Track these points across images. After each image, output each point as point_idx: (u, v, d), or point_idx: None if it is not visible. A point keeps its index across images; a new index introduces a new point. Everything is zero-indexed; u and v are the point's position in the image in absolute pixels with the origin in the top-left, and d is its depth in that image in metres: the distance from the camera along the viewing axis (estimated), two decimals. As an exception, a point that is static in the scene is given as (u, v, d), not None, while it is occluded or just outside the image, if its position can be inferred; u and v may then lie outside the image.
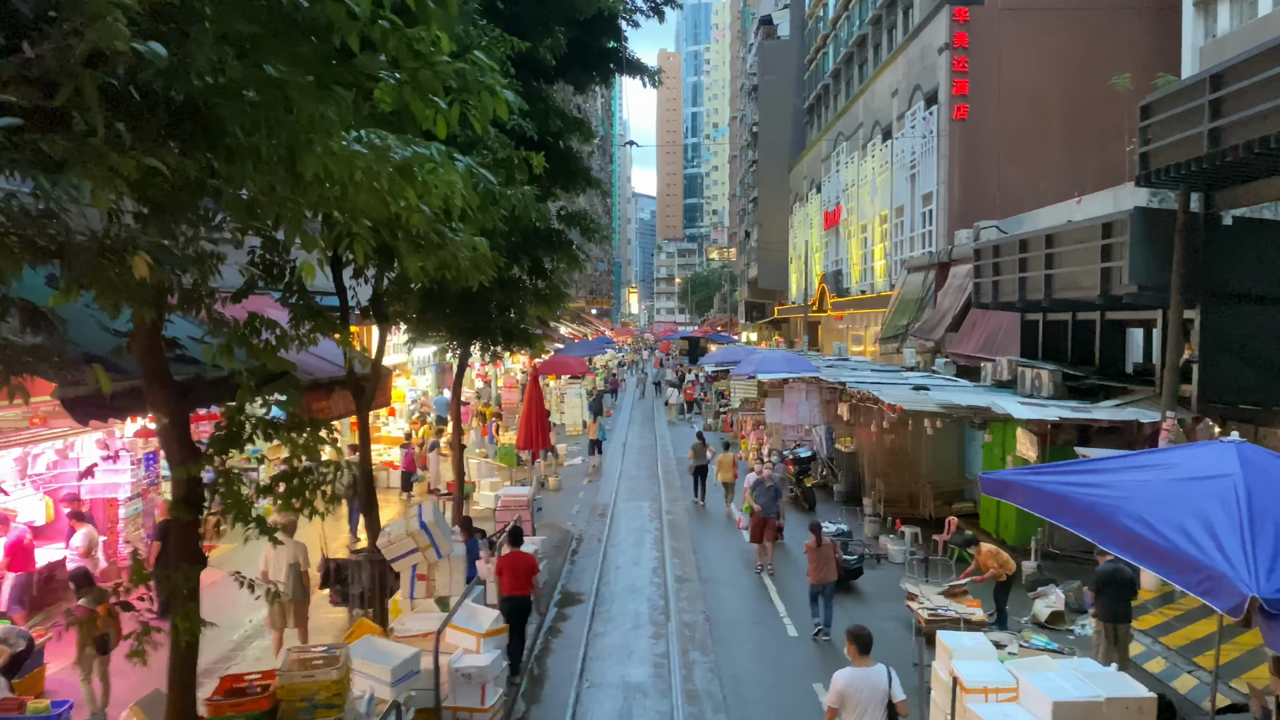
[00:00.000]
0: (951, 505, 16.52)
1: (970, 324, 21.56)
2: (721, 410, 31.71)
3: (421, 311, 11.25)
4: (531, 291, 12.64)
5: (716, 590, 12.11)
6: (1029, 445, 13.86)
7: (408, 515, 8.77)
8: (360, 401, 8.69)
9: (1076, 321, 16.47)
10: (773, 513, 13.44)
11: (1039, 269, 15.61)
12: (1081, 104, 26.36)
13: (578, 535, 15.13)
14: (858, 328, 37.06)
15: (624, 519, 16.62)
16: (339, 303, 8.53)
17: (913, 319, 26.02)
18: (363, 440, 8.83)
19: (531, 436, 16.80)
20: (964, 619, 9.84)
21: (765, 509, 13.37)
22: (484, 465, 17.92)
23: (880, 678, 5.72)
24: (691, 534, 15.50)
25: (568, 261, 12.16)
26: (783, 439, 20.28)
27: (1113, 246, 13.19)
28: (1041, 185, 25.87)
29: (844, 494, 18.44)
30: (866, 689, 5.65)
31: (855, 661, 5.86)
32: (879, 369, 22.68)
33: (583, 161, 11.84)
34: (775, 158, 57.85)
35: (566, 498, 18.81)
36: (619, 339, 70.67)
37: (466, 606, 8.07)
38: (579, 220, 12.22)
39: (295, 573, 9.48)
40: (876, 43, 36.97)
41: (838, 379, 17.95)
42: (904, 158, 30.92)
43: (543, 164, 7.66)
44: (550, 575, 12.31)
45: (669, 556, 13.71)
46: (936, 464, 17.09)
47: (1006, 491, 6.09)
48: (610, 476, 21.31)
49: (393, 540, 8.54)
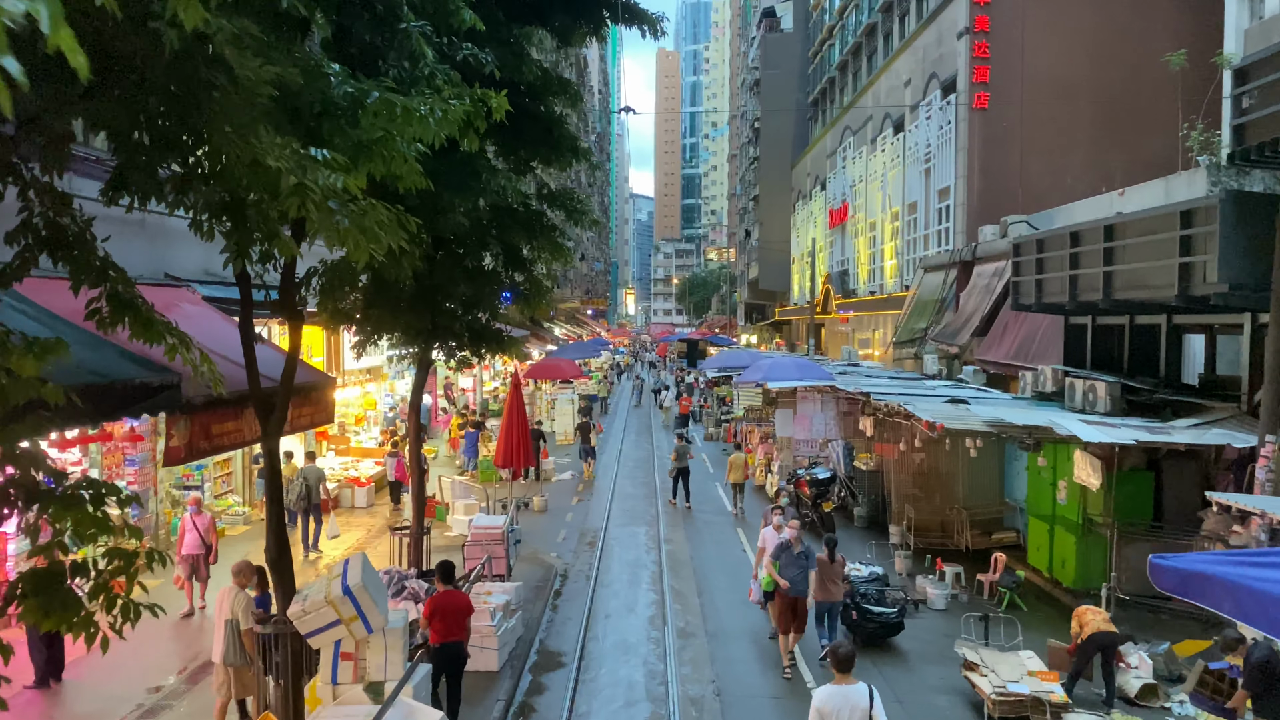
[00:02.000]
0: (991, 535, 14.51)
1: (1000, 327, 19.55)
2: (724, 418, 29.64)
3: (368, 308, 9.18)
4: (508, 286, 10.59)
5: (727, 650, 10.03)
6: (1089, 470, 11.82)
7: (329, 576, 6.68)
8: (268, 422, 6.61)
9: (1135, 326, 14.44)
10: (804, 589, 9.56)
11: (1094, 265, 13.59)
12: (1111, 93, 24.68)
13: (562, 571, 13.04)
14: (865, 330, 35.22)
15: (617, 549, 14.54)
16: (240, 294, 6.47)
17: (932, 322, 24.05)
18: (269, 473, 6.75)
19: (512, 453, 14.72)
20: (1043, 698, 7.80)
21: (794, 584, 9.48)
22: (458, 484, 15.82)
23: (861, 696, 5.54)
24: (695, 566, 13.43)
25: (551, 251, 10.09)
26: (794, 454, 18.22)
27: (1194, 238, 11.17)
28: (1068, 179, 24.20)
29: (866, 518, 16.40)
30: (846, 708, 5.48)
31: (836, 679, 5.74)
32: (898, 376, 20.68)
33: (567, 128, 9.79)
34: (777, 154, 56.27)
35: (552, 520, 16.73)
36: (615, 340, 68.57)
37: (401, 707, 6.00)
38: (563, 201, 10.15)
39: (233, 630, 7.47)
40: (887, 31, 35.29)
41: (857, 388, 15.91)
42: (918, 151, 29.12)
43: (505, 107, 5.62)
44: (526, 628, 10.23)
45: (669, 600, 11.62)
46: (973, 487, 15.05)
47: (1201, 589, 4.03)
48: (602, 494, 19.25)
49: (308, 610, 6.45)
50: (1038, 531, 13.06)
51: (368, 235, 3.91)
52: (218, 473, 15.92)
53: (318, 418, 9.39)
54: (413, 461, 10.58)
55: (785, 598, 9.49)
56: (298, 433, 10.87)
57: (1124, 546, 11.68)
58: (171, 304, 9.55)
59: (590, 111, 76.52)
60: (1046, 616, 11.34)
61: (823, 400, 17.57)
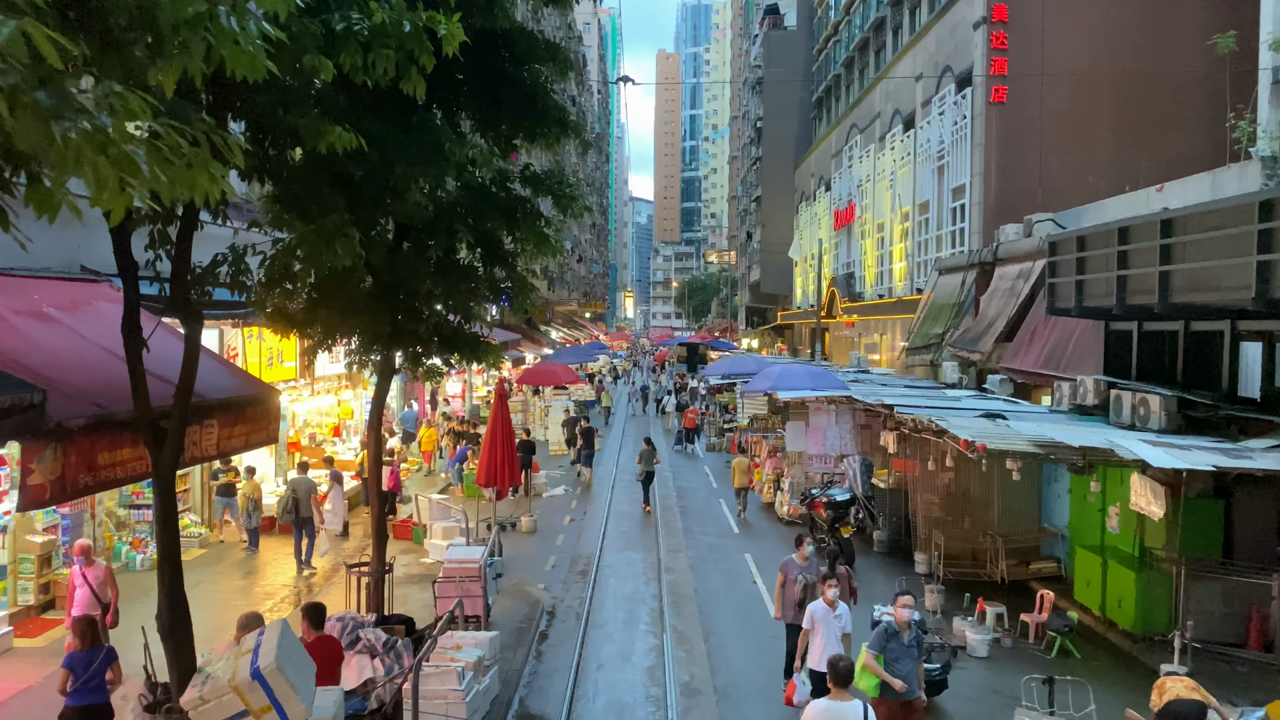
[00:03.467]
0: (1028, 565, 13.04)
1: (1027, 333, 18.10)
2: (726, 427, 28.16)
3: (315, 308, 7.71)
4: (486, 282, 9.12)
5: (741, 712, 8.52)
6: (1150, 496, 10.32)
7: (236, 650, 5.19)
8: (158, 454, 5.14)
9: (1190, 332, 12.98)
10: (916, 691, 6.97)
11: (1148, 265, 12.17)
12: (1136, 86, 23.46)
13: (549, 607, 11.53)
14: (871, 335, 33.84)
15: (612, 579, 13.03)
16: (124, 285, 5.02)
17: (949, 327, 22.61)
18: (162, 516, 5.27)
19: (496, 471, 13.25)
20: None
21: (909, 682, 6.86)
22: (437, 505, 14.30)
23: (855, 714, 5.36)
24: (700, 601, 11.94)
25: (535, 242, 8.61)
26: (806, 471, 16.75)
27: (1276, 233, 9.75)
28: (1089, 177, 22.92)
29: (886, 543, 14.91)
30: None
31: (832, 694, 5.50)
32: (915, 385, 19.25)
33: (553, 96, 8.32)
34: (780, 155, 55.09)
35: (541, 544, 15.22)
36: (614, 344, 67.04)
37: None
38: (548, 184, 8.67)
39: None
40: (896, 25, 34.09)
41: (877, 399, 14.44)
42: (930, 148, 27.84)
43: (459, 37, 4.17)
44: (504, 684, 8.73)
45: (670, 647, 10.10)
46: (1006, 510, 13.58)
47: None
48: (597, 514, 17.75)
49: (206, 697, 4.97)
50: (1087, 564, 11.58)
51: (122, 166, 2.39)
52: (172, 490, 14.43)
53: (255, 438, 7.90)
54: (371, 487, 9.06)
55: (897, 704, 6.81)
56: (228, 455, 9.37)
57: (1191, 585, 10.22)
58: (81, 302, 8.07)
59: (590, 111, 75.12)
60: (1105, 668, 9.85)
61: (837, 412, 16.11)
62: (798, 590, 8.81)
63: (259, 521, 13.83)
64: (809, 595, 8.57)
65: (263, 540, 14.07)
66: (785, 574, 9.03)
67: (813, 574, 8.87)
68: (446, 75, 7.85)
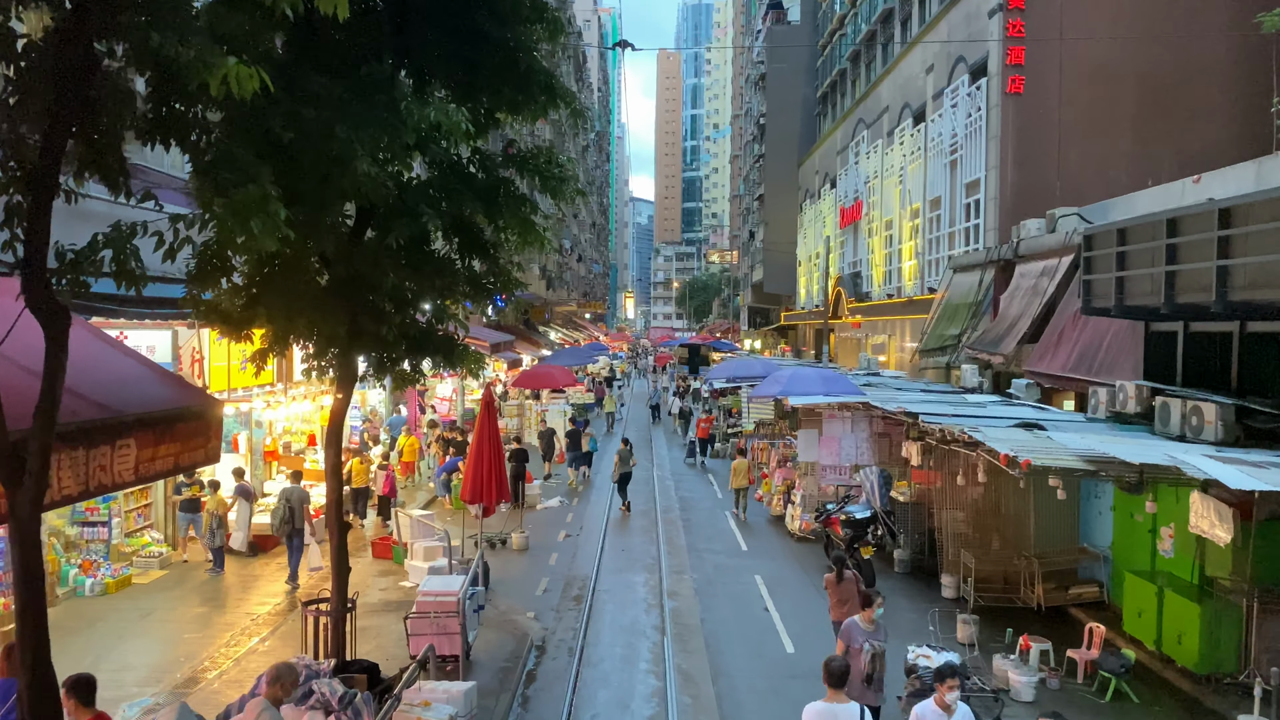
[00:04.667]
0: (1067, 590, 11.85)
1: (1054, 334, 16.93)
2: (730, 432, 26.97)
3: (253, 304, 6.54)
4: (464, 277, 7.95)
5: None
6: (1214, 519, 9.12)
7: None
8: (15, 492, 3.97)
9: (1246, 334, 11.81)
10: None
11: (1203, 259, 10.99)
12: (1160, 77, 22.35)
13: (539, 640, 10.33)
14: (878, 335, 32.68)
15: (609, 606, 11.83)
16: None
17: (966, 328, 21.46)
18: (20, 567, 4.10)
19: (481, 485, 12.06)
20: None
21: None
22: (418, 522, 13.13)
23: (852, 715, 5.20)
24: (707, 633, 10.75)
25: (518, 228, 7.43)
26: (820, 483, 15.57)
27: (1361, 220, 8.59)
28: (1111, 171, 21.82)
29: (908, 563, 13.74)
30: None
31: (828, 695, 5.31)
32: (932, 389, 18.09)
33: (539, 59, 7.15)
34: (783, 152, 54.01)
35: (533, 564, 14.05)
36: (614, 345, 65.85)
37: None
38: (534, 164, 7.49)
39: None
40: (905, 16, 33.01)
41: (898, 406, 13.27)
42: (941, 142, 26.73)
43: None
44: (483, 740, 7.57)
45: (674, 691, 8.91)
46: (1042, 528, 12.40)
47: None
48: (594, 529, 16.57)
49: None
50: (1139, 592, 10.40)
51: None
52: (131, 505, 13.27)
53: (189, 458, 6.71)
54: (329, 513, 7.85)
55: None
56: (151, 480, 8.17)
57: (1264, 620, 9.05)
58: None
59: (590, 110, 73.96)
60: (1168, 713, 8.69)
61: (853, 419, 14.95)
62: (864, 663, 6.93)
63: (224, 540, 12.69)
64: (877, 668, 6.96)
65: (229, 561, 12.93)
66: (847, 642, 7.08)
67: (881, 639, 7.09)
68: (415, 33, 6.70)
